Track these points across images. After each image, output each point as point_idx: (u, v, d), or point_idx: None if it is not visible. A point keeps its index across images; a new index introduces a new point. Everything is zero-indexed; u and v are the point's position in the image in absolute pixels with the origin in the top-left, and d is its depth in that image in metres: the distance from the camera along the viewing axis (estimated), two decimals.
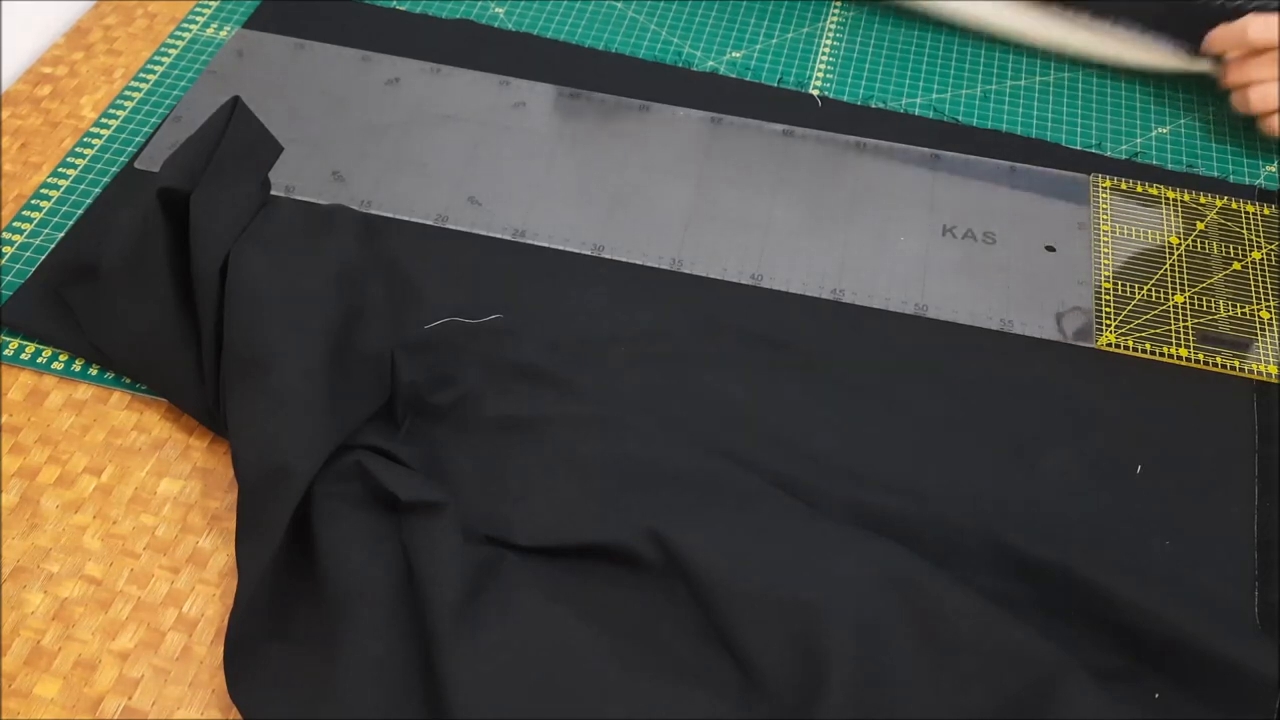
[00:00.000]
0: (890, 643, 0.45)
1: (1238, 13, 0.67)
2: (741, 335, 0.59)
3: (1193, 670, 0.46)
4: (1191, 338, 0.60)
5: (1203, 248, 0.64)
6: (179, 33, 0.73)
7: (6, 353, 0.57)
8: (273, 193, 0.57)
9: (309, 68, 0.71)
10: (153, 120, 0.68)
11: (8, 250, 0.61)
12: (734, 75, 0.72)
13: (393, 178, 0.65)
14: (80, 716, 0.46)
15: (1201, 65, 0.69)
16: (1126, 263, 0.63)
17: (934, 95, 0.72)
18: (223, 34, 0.73)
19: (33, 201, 0.63)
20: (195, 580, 0.50)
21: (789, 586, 0.46)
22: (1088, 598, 0.48)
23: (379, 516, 0.49)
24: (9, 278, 0.60)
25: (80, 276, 0.57)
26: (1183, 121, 0.71)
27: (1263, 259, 0.63)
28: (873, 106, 0.71)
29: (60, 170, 0.65)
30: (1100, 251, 0.63)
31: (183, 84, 0.70)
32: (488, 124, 0.68)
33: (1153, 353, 0.59)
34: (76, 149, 0.66)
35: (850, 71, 0.73)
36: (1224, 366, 0.59)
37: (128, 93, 0.69)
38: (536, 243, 0.63)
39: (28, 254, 0.61)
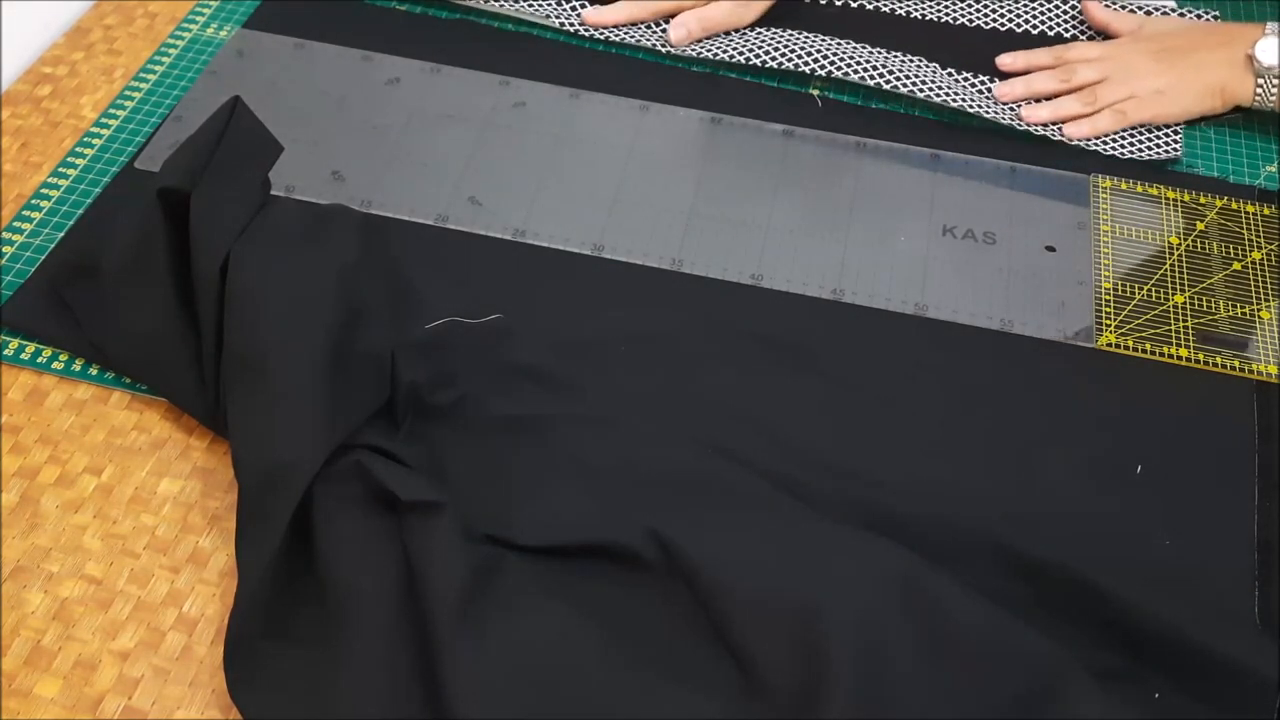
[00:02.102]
0: (891, 642, 0.45)
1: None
2: (741, 335, 0.59)
3: (1193, 670, 0.46)
4: (1191, 338, 0.60)
5: (1203, 248, 0.64)
6: (179, 32, 0.73)
7: (6, 353, 0.57)
8: (273, 193, 0.57)
9: (309, 68, 0.71)
10: (153, 120, 0.68)
11: (8, 250, 0.61)
12: (734, 76, 0.72)
13: (393, 178, 0.65)
14: (80, 716, 0.46)
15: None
16: (1126, 263, 0.63)
17: None
18: (223, 34, 0.73)
19: (33, 201, 0.63)
20: (195, 580, 0.50)
21: (789, 586, 0.46)
22: (1088, 598, 0.48)
23: (379, 516, 0.49)
24: (9, 278, 0.60)
25: (80, 276, 0.57)
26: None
27: (1263, 259, 0.63)
28: (873, 107, 0.71)
29: (60, 170, 0.65)
30: (1100, 251, 0.63)
31: (183, 84, 0.70)
32: (488, 124, 0.68)
33: (1153, 353, 0.59)
34: (76, 149, 0.66)
35: None
36: (1224, 366, 0.59)
37: (128, 92, 0.69)
38: (536, 243, 0.63)
39: (28, 254, 0.61)
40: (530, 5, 0.74)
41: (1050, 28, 0.76)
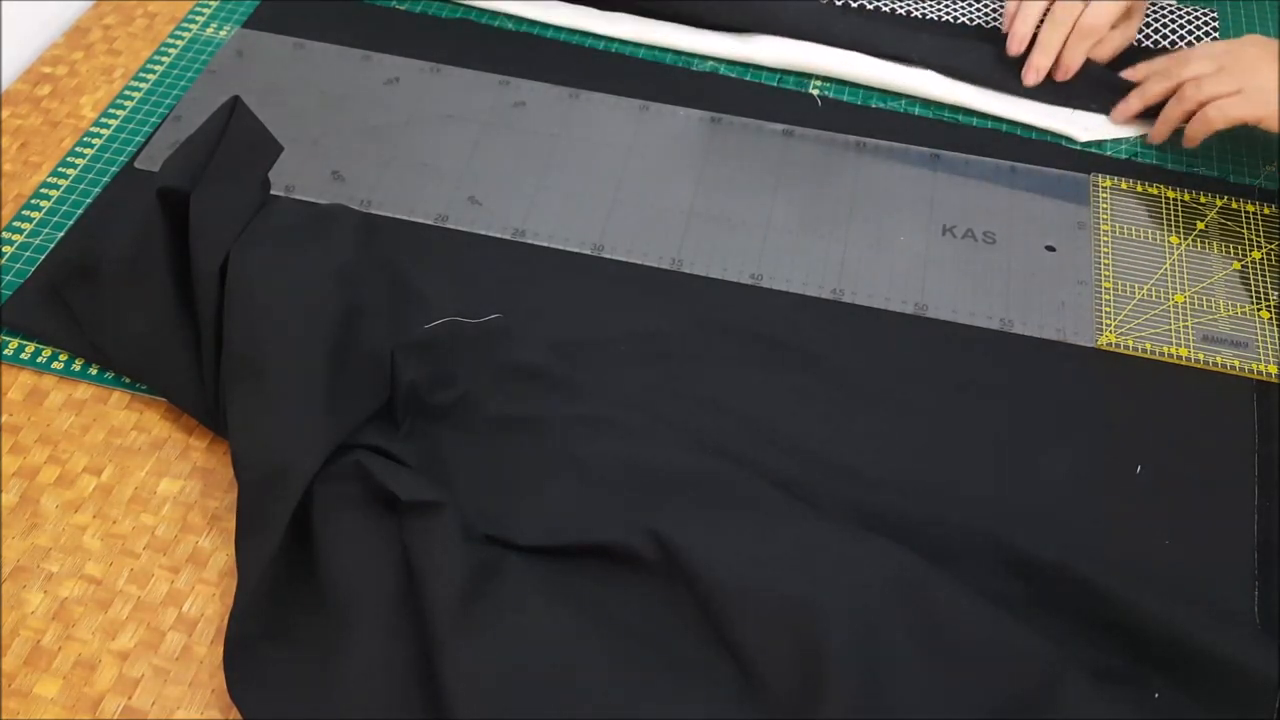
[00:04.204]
0: (890, 642, 0.45)
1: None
2: (741, 335, 0.59)
3: (1193, 670, 0.46)
4: (1192, 338, 0.60)
5: (1203, 248, 0.64)
6: (179, 32, 0.73)
7: (6, 353, 0.57)
8: (273, 193, 0.57)
9: (309, 68, 0.71)
10: (153, 120, 0.68)
11: (8, 250, 0.61)
12: (734, 75, 0.72)
13: (393, 178, 0.65)
14: (80, 716, 0.46)
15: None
16: (1126, 263, 0.63)
17: None
18: (223, 34, 0.73)
19: (33, 201, 0.63)
20: (195, 580, 0.50)
21: (789, 586, 0.46)
22: (1088, 598, 0.48)
23: (379, 516, 0.49)
24: (9, 278, 0.60)
25: (80, 276, 0.57)
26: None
27: (1263, 259, 0.63)
28: (873, 107, 0.71)
29: (60, 170, 0.65)
30: (1100, 251, 0.63)
31: (183, 84, 0.70)
32: (488, 124, 0.68)
33: (1153, 353, 0.59)
34: (76, 148, 0.66)
35: None
36: (1224, 366, 0.59)
37: (128, 92, 0.69)
38: (536, 242, 0.63)
39: (28, 254, 0.61)
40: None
41: None
